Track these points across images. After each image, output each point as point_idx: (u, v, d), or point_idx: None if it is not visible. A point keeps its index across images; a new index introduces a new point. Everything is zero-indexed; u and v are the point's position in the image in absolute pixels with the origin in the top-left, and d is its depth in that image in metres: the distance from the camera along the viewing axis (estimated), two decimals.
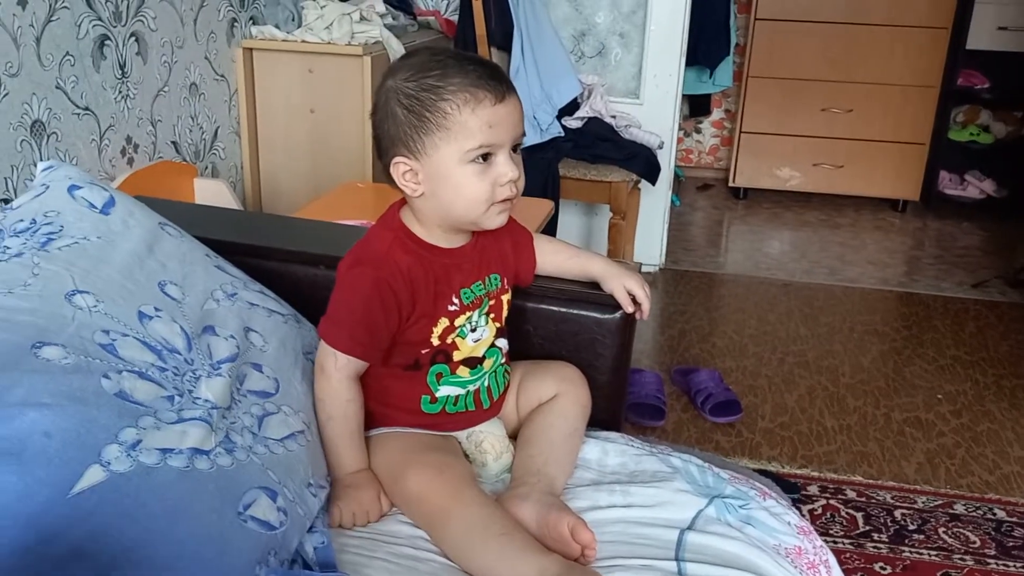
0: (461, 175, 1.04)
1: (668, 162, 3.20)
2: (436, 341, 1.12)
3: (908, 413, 2.40)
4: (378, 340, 1.09)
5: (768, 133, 4.22)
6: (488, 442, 1.17)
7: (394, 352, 1.12)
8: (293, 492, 0.96)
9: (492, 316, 1.17)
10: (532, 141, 2.76)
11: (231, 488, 0.89)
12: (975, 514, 1.95)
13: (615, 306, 1.25)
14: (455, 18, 2.99)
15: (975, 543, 1.86)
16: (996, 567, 1.79)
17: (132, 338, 0.94)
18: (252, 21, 2.67)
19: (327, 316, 1.11)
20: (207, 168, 2.54)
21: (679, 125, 3.36)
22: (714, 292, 3.27)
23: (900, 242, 3.91)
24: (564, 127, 2.90)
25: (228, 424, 0.95)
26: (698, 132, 4.70)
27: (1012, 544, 1.86)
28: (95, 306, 0.95)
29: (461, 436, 1.18)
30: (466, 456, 1.16)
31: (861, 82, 4.05)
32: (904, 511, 1.95)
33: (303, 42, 2.57)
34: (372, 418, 1.15)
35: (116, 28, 2.07)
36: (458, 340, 1.13)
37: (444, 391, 1.15)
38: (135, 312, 0.98)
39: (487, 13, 2.73)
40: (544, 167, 2.75)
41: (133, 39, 2.14)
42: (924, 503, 1.98)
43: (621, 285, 1.23)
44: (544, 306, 1.28)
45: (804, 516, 1.25)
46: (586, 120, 2.94)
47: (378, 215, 1.17)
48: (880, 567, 1.77)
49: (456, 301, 1.12)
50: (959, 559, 1.80)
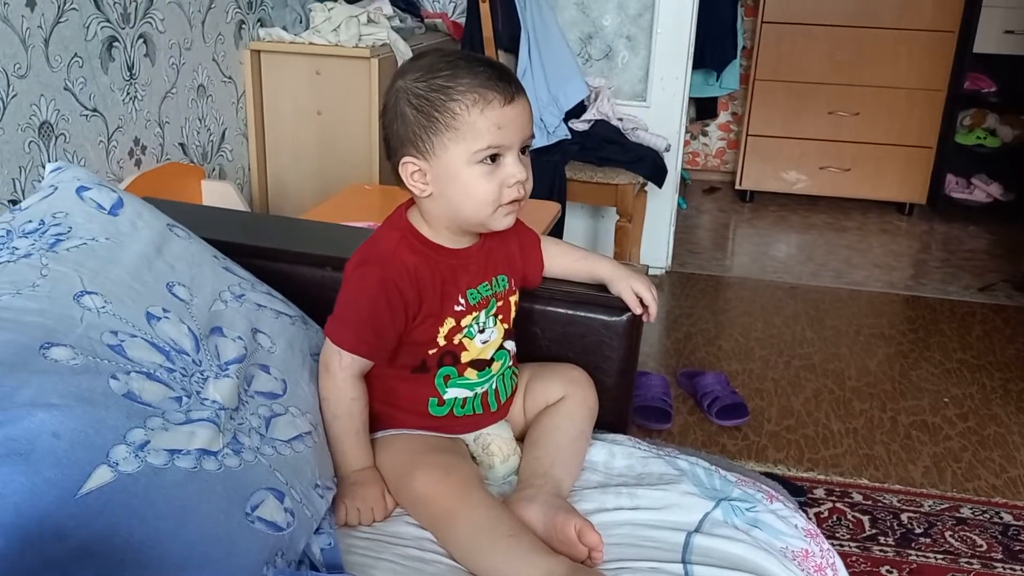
0: (469, 176, 1.04)
1: (675, 165, 3.20)
2: (443, 341, 1.12)
3: (914, 416, 2.39)
4: (384, 339, 1.09)
5: (775, 136, 4.21)
6: (495, 445, 1.17)
7: (401, 353, 1.12)
8: (300, 493, 0.96)
9: (500, 318, 1.17)
10: (539, 144, 2.76)
11: (238, 489, 0.89)
12: (982, 518, 1.95)
13: (622, 309, 1.24)
14: (462, 20, 2.99)
15: (982, 547, 1.85)
16: (1003, 571, 1.78)
17: (140, 339, 0.94)
18: (260, 23, 2.68)
19: (333, 315, 1.11)
20: (214, 170, 2.54)
21: (686, 128, 3.35)
22: (720, 295, 3.26)
23: (907, 245, 3.90)
24: (571, 130, 2.90)
25: (236, 425, 0.95)
26: (705, 135, 4.70)
27: (1019, 548, 1.85)
28: (103, 307, 0.95)
29: (468, 439, 1.18)
30: (473, 458, 1.16)
31: (868, 85, 4.04)
32: (911, 514, 1.95)
33: (311, 44, 2.57)
34: (379, 420, 1.15)
35: (124, 30, 2.07)
36: (466, 341, 1.13)
37: (452, 393, 1.15)
38: (143, 313, 0.98)
39: (494, 15, 2.73)
40: (551, 169, 2.75)
41: (141, 41, 2.14)
42: (931, 506, 1.98)
43: (629, 287, 1.23)
44: (551, 308, 1.28)
45: (811, 519, 1.24)
46: (593, 123, 2.94)
47: (385, 217, 1.17)
48: (887, 570, 1.77)
49: (462, 301, 1.12)
50: (965, 563, 1.80)
